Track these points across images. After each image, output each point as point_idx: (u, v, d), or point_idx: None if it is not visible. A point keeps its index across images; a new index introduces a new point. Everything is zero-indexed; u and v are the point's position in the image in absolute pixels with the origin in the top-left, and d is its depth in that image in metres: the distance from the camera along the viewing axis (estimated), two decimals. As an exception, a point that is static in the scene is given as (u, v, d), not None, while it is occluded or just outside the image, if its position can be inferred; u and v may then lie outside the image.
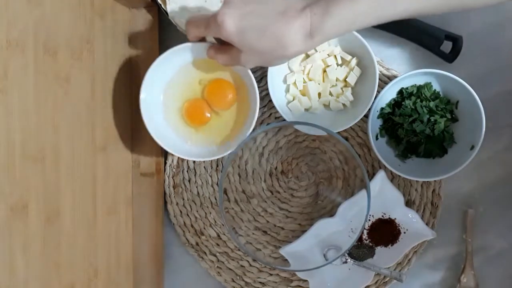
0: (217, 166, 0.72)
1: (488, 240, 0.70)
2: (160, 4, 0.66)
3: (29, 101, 0.48)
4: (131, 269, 0.70)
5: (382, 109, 0.68)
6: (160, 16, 0.71)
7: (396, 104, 0.67)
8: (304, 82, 0.67)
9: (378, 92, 0.65)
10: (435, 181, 0.70)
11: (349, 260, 0.69)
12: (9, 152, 0.45)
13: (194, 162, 0.72)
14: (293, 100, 0.67)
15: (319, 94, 0.67)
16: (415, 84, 0.67)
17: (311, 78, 0.67)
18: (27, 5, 0.47)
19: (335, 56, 0.66)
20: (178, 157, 0.72)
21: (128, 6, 0.69)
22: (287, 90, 0.67)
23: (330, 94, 0.67)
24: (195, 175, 0.72)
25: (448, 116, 0.66)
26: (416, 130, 0.65)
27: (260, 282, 0.72)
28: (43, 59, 0.49)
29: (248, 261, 0.72)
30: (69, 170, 0.54)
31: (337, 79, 0.67)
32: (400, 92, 0.67)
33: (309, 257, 0.68)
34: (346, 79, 0.67)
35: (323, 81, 0.67)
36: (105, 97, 0.63)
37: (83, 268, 0.58)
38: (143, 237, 0.71)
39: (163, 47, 0.72)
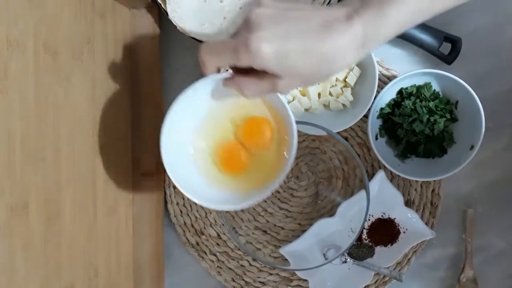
0: (217, 166, 0.72)
1: (488, 240, 0.70)
2: (160, 4, 0.66)
3: (29, 101, 0.48)
4: (131, 269, 0.70)
5: (381, 109, 0.68)
6: (161, 16, 0.71)
7: (395, 104, 0.67)
8: None
9: (378, 92, 0.65)
10: (434, 181, 0.70)
11: (348, 259, 0.69)
12: (9, 152, 0.45)
13: (194, 162, 0.72)
14: (293, 100, 0.67)
15: (319, 94, 0.68)
16: (415, 84, 0.67)
17: None
18: (27, 5, 0.47)
19: None
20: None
21: (128, 6, 0.69)
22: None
23: (330, 94, 0.67)
24: (195, 175, 0.72)
25: (448, 116, 0.66)
26: (415, 130, 0.65)
27: (260, 282, 0.72)
28: (43, 59, 0.49)
29: (248, 261, 0.72)
30: (69, 170, 0.54)
31: (336, 79, 0.67)
32: (400, 92, 0.67)
33: (309, 257, 0.68)
34: (346, 79, 0.67)
35: (323, 81, 0.67)
36: (105, 97, 0.63)
37: (83, 268, 0.58)
38: (143, 237, 0.71)
39: (163, 47, 0.72)
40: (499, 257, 0.70)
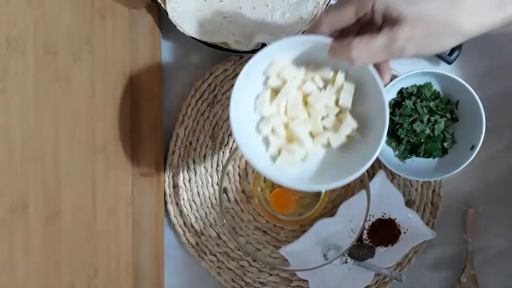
0: (217, 166, 0.72)
1: (488, 240, 0.70)
2: (160, 4, 0.66)
3: (29, 101, 0.48)
4: (131, 269, 0.70)
5: (382, 109, 0.68)
6: (161, 16, 0.71)
7: (396, 104, 0.67)
8: (285, 126, 0.49)
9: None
10: (435, 181, 0.70)
11: (349, 260, 0.69)
12: (9, 152, 0.45)
13: (194, 162, 0.72)
14: (279, 154, 0.49)
15: (311, 134, 0.50)
16: (415, 84, 0.67)
17: (292, 117, 0.49)
18: (27, 5, 0.47)
19: (312, 79, 0.48)
20: (178, 157, 0.72)
21: (128, 6, 0.69)
22: (266, 143, 0.49)
23: (325, 128, 0.49)
24: (195, 175, 0.72)
25: (448, 116, 0.66)
26: (416, 130, 0.65)
27: (260, 282, 0.72)
28: (43, 59, 0.49)
29: (248, 261, 0.72)
30: (69, 170, 0.54)
31: (327, 107, 0.49)
32: (400, 92, 0.67)
33: (309, 257, 0.68)
34: (339, 103, 0.48)
35: (309, 115, 0.49)
36: (105, 97, 0.63)
37: (83, 268, 0.58)
38: (143, 237, 0.71)
39: (163, 47, 0.72)
40: (499, 257, 0.70)
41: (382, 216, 0.69)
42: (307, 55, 0.47)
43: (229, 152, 0.72)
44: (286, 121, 0.49)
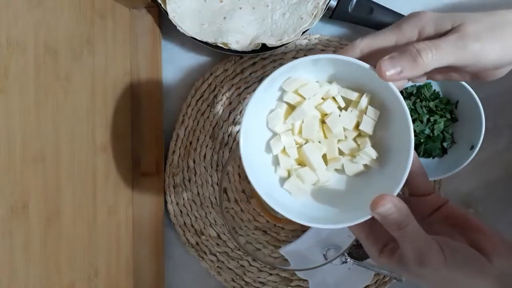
0: (217, 166, 0.72)
1: (488, 240, 0.70)
2: (160, 4, 0.66)
3: (30, 101, 0.48)
4: (131, 269, 0.70)
5: (382, 109, 0.68)
6: (161, 16, 0.71)
7: (396, 104, 0.67)
8: (298, 145, 0.45)
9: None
10: (434, 181, 0.70)
11: (349, 259, 0.69)
12: (9, 152, 0.45)
13: (194, 162, 0.72)
14: (289, 176, 0.45)
15: (325, 158, 0.45)
16: (415, 84, 0.67)
17: (306, 138, 0.45)
18: (27, 5, 0.47)
19: (333, 98, 0.44)
20: (178, 157, 0.72)
21: (128, 6, 0.69)
22: (276, 163, 0.46)
23: (341, 153, 0.45)
24: (195, 175, 0.72)
25: (448, 116, 0.66)
26: (415, 130, 0.65)
27: (260, 282, 0.72)
28: (43, 59, 0.49)
29: (248, 261, 0.72)
30: (69, 170, 0.54)
31: (345, 130, 0.45)
32: (400, 92, 0.67)
33: (309, 257, 0.68)
34: (359, 127, 0.44)
35: (325, 136, 0.45)
36: (105, 97, 0.63)
37: (83, 268, 0.58)
38: (143, 237, 0.71)
39: (163, 47, 0.72)
40: (499, 257, 0.70)
41: (382, 216, 0.69)
42: (331, 74, 0.44)
43: (229, 152, 0.72)
44: (299, 141, 0.45)
